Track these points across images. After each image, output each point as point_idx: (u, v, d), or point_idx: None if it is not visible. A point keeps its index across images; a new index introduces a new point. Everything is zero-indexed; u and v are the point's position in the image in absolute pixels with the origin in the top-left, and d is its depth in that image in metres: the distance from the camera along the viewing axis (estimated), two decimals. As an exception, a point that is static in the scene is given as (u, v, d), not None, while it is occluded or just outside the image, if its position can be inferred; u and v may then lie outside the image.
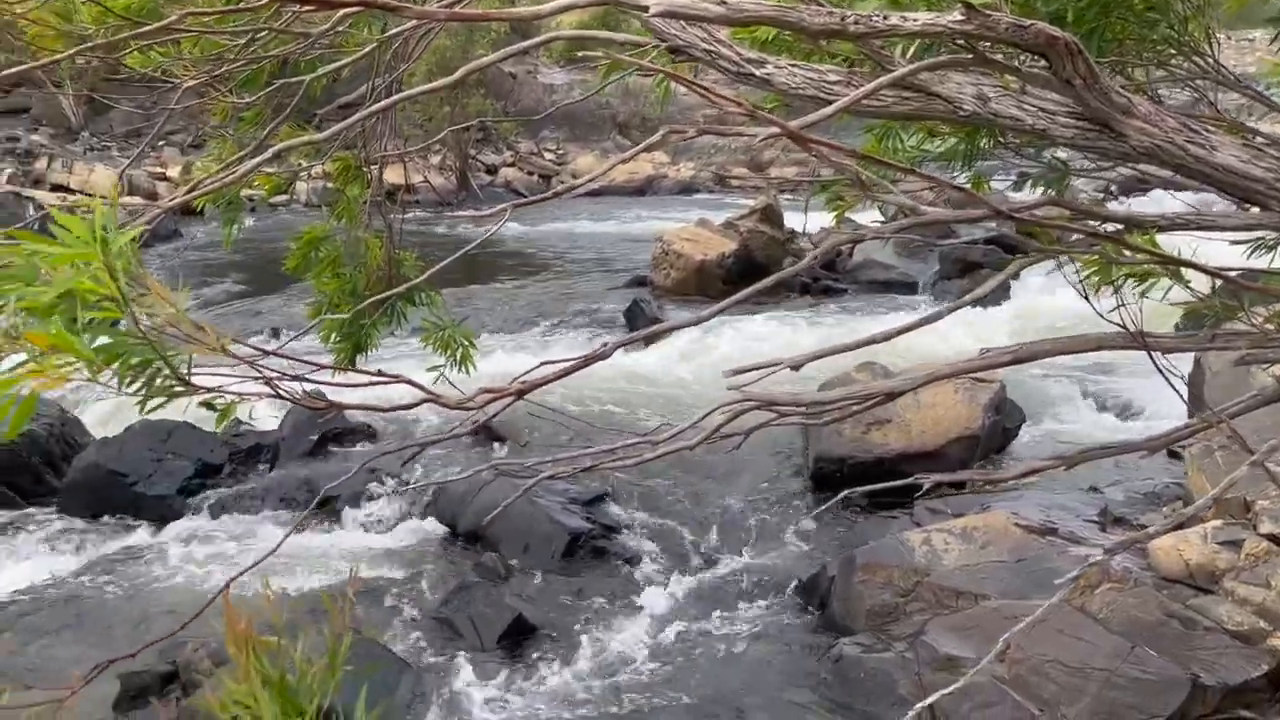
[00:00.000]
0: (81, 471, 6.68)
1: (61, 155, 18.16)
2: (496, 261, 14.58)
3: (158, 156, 20.63)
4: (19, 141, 17.76)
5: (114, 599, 5.57)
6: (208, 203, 2.75)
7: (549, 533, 5.47)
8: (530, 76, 28.82)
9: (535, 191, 25.53)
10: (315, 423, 7.04)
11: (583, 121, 28.86)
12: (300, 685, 1.18)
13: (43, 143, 18.76)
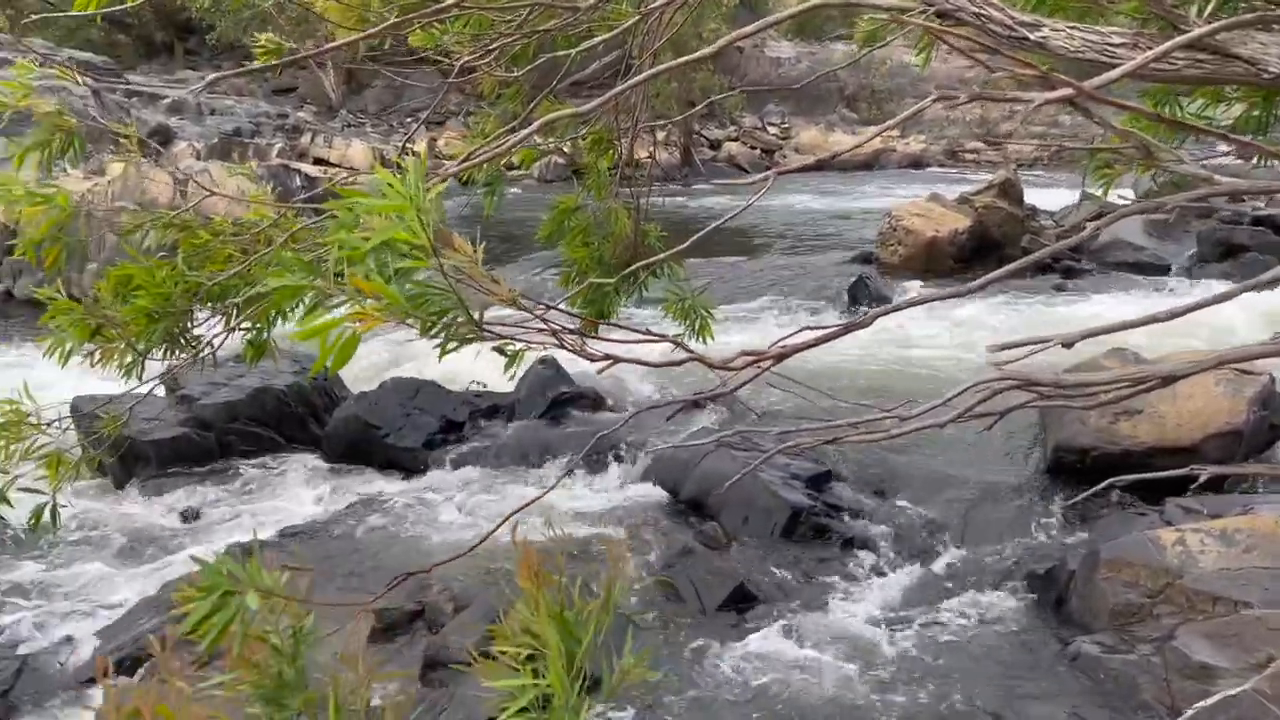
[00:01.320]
0: (340, 422, 7.28)
1: (323, 131, 19.71)
2: (718, 236, 14.65)
3: (406, 133, 22.00)
4: (287, 118, 19.40)
5: (364, 540, 6.03)
6: (476, 174, 2.92)
7: (770, 506, 5.48)
8: (757, 50, 28.61)
9: (758, 166, 25.41)
10: (549, 386, 7.36)
11: (808, 95, 28.39)
12: (578, 620, 1.25)
13: (307, 119, 20.42)
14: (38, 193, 2.16)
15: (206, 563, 1.17)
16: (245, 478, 7.23)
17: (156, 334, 2.24)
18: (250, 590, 1.16)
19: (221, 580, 1.15)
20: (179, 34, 24.86)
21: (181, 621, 1.19)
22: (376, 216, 1.31)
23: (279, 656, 1.23)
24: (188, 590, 1.17)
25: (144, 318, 2.24)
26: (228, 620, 1.14)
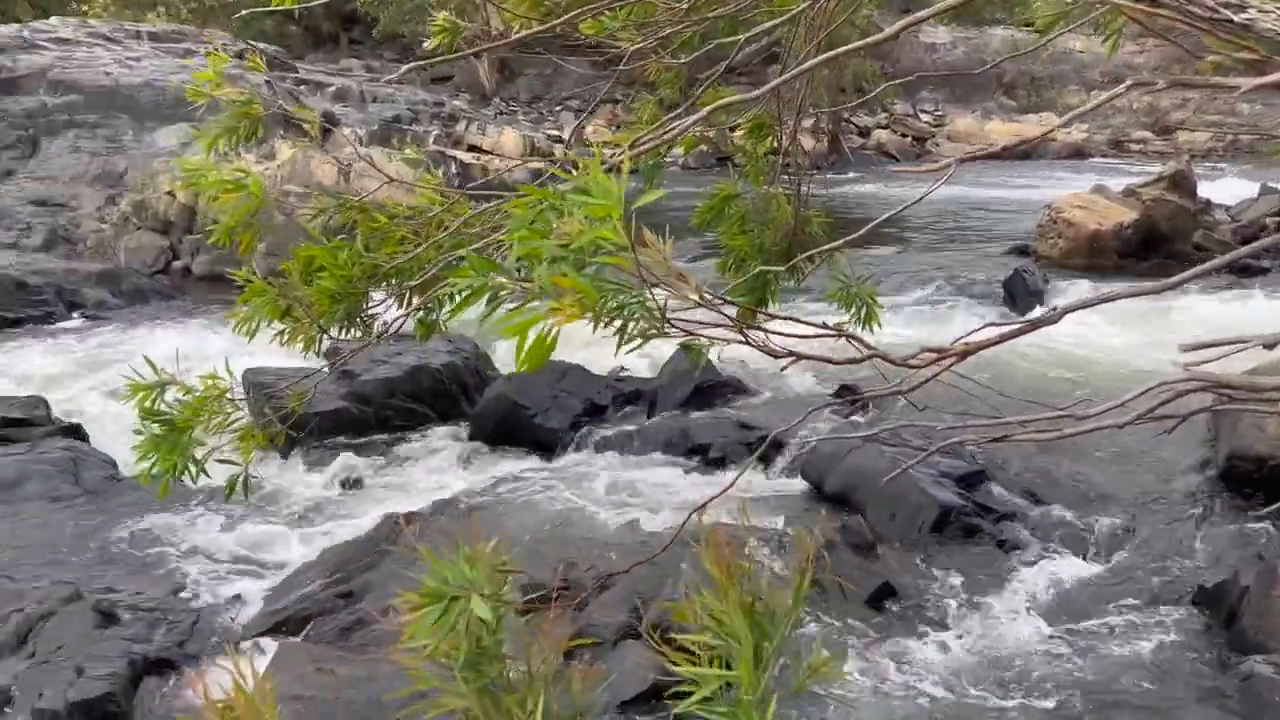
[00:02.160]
0: (490, 401, 7.49)
1: (476, 119, 20.24)
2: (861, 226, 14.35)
3: (555, 120, 22.37)
4: (444, 106, 20.00)
5: (511, 516, 6.18)
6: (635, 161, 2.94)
7: (919, 504, 5.36)
8: (911, 35, 27.83)
9: (908, 155, 24.77)
10: (691, 375, 7.38)
11: (963, 82, 27.47)
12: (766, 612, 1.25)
13: (462, 107, 21.01)
14: (230, 179, 2.29)
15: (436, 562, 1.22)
16: (400, 450, 7.53)
17: (339, 313, 2.35)
18: (475, 596, 1.20)
19: (447, 588, 1.21)
20: (344, 25, 25.97)
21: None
22: (577, 216, 1.33)
23: (480, 626, 1.27)
24: (412, 597, 1.22)
25: (327, 298, 2.35)
26: (452, 625, 1.20)
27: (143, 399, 2.14)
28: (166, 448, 2.13)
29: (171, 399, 2.16)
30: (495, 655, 1.40)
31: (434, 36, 2.74)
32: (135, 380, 2.15)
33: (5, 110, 14.97)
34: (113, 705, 4.30)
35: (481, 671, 1.39)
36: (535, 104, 23.78)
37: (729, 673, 1.24)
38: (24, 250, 13.29)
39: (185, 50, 17.71)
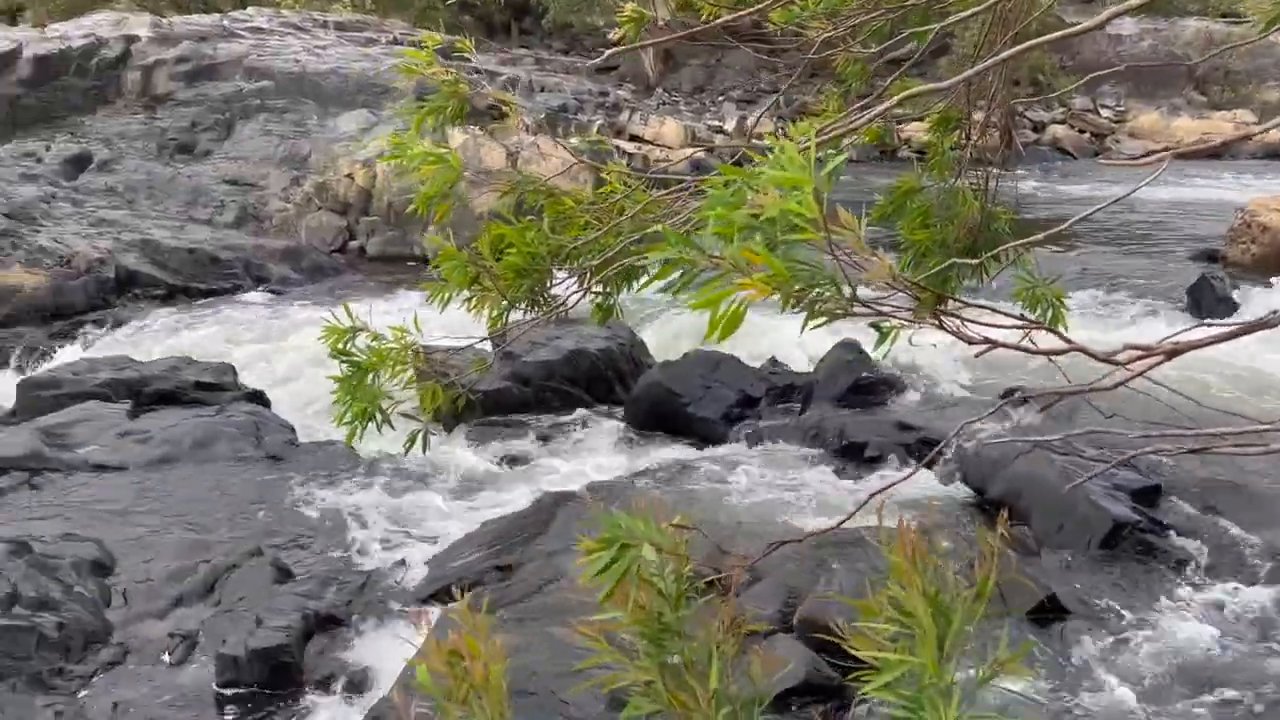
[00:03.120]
0: (645, 388, 7.59)
1: (639, 109, 20.43)
2: (1040, 224, 13.77)
3: (717, 111, 22.37)
4: (608, 96, 20.28)
5: (664, 502, 6.25)
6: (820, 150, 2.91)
7: (1088, 516, 5.13)
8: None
9: (1085, 152, 23.60)
10: (849, 370, 7.27)
11: (1149, 76, 25.96)
12: (951, 605, 1.24)
13: (625, 97, 21.24)
14: (433, 153, 2.40)
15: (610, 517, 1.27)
16: (556, 432, 7.72)
17: (523, 289, 2.43)
18: (645, 544, 1.24)
19: (620, 534, 1.24)
20: (515, 16, 26.68)
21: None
22: (767, 191, 1.34)
23: (662, 601, 1.30)
24: (591, 543, 1.27)
25: (513, 273, 2.43)
26: (624, 570, 1.23)
27: (335, 340, 2.27)
28: (357, 392, 2.25)
29: (362, 344, 2.29)
30: (677, 631, 1.43)
31: (620, 26, 2.78)
32: (334, 324, 2.28)
33: (205, 95, 16.05)
34: (287, 656, 4.58)
35: (663, 646, 1.42)
36: (697, 95, 23.83)
37: (913, 659, 1.23)
38: (217, 226, 14.23)
39: (367, 39, 18.57)
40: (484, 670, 1.16)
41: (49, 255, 11.64)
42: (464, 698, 1.16)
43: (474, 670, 1.16)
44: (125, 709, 4.33)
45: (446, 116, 2.52)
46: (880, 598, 1.27)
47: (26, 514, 6.00)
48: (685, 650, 1.38)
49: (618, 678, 1.38)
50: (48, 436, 6.89)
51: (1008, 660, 1.21)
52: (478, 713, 1.15)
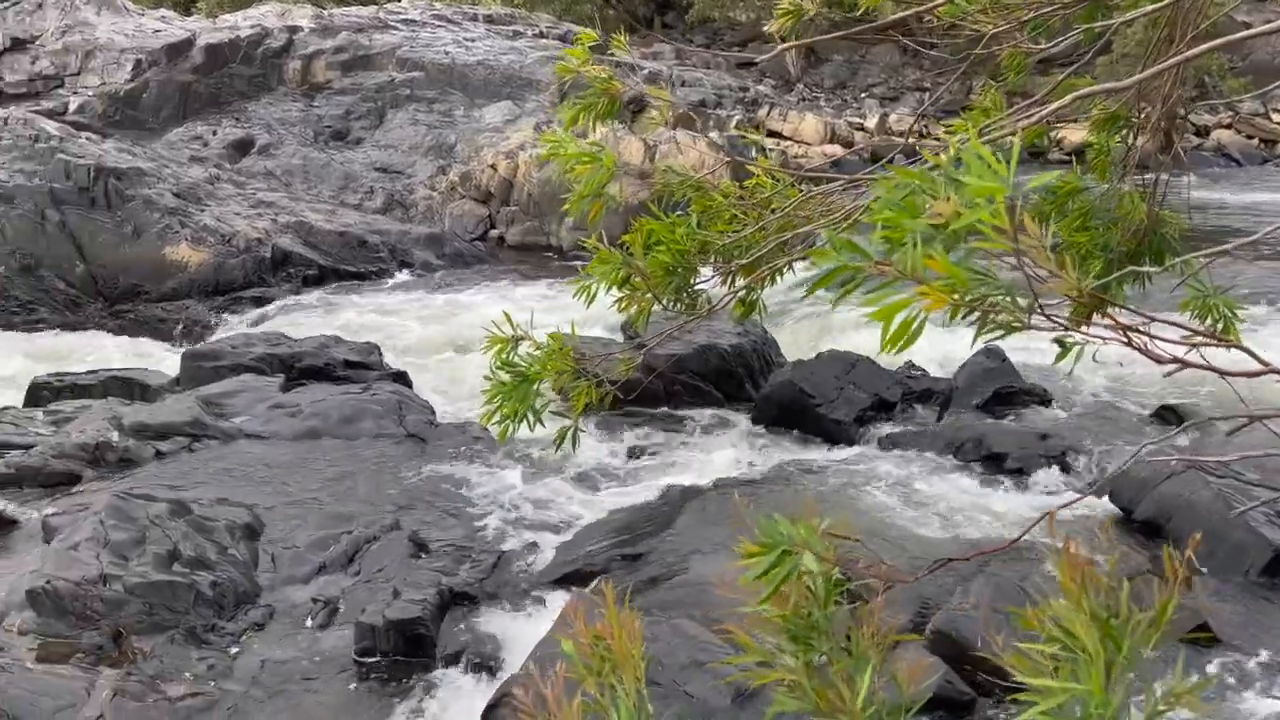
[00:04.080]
0: (776, 386, 7.53)
1: (779, 104, 20.25)
2: (1206, 232, 13.04)
3: (858, 108, 21.97)
4: (747, 91, 20.17)
5: (792, 502, 6.19)
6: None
7: (1245, 543, 4.84)
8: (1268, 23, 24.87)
9: (1253, 158, 22.23)
10: (990, 378, 7.06)
11: (1331, 77, 24.21)
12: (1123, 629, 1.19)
13: (765, 92, 21.09)
14: (587, 153, 2.43)
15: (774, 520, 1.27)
16: (684, 426, 7.74)
17: (672, 286, 2.45)
18: (806, 553, 1.24)
19: (782, 540, 1.25)
20: (659, 9, 26.81)
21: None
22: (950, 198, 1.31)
23: (813, 600, 1.30)
24: (751, 546, 1.27)
25: (662, 271, 2.45)
26: (784, 577, 1.23)
27: (499, 351, 2.33)
28: (514, 396, 2.31)
29: (524, 352, 2.34)
30: (825, 631, 1.42)
31: (777, 19, 2.76)
32: (495, 334, 2.35)
33: (360, 84, 16.70)
34: (422, 629, 4.74)
35: (810, 646, 1.42)
36: (839, 91, 23.46)
37: (1078, 686, 1.19)
38: (366, 211, 14.81)
39: (514, 32, 18.97)
40: (624, 650, 1.18)
41: (212, 234, 12.33)
42: (604, 675, 1.19)
43: (616, 650, 1.19)
44: (271, 667, 4.56)
45: (599, 113, 2.55)
46: (1040, 614, 1.23)
47: (186, 477, 6.39)
48: (833, 651, 1.38)
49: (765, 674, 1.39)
50: (207, 405, 7.30)
51: (1185, 691, 1.16)
52: (617, 689, 1.18)
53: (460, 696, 4.41)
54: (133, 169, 12.61)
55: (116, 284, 11.60)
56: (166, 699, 4.22)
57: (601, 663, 1.18)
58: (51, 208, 11.70)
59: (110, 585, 4.78)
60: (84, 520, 5.20)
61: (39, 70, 16.02)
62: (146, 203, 12.20)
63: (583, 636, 1.19)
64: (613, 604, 1.19)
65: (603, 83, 2.48)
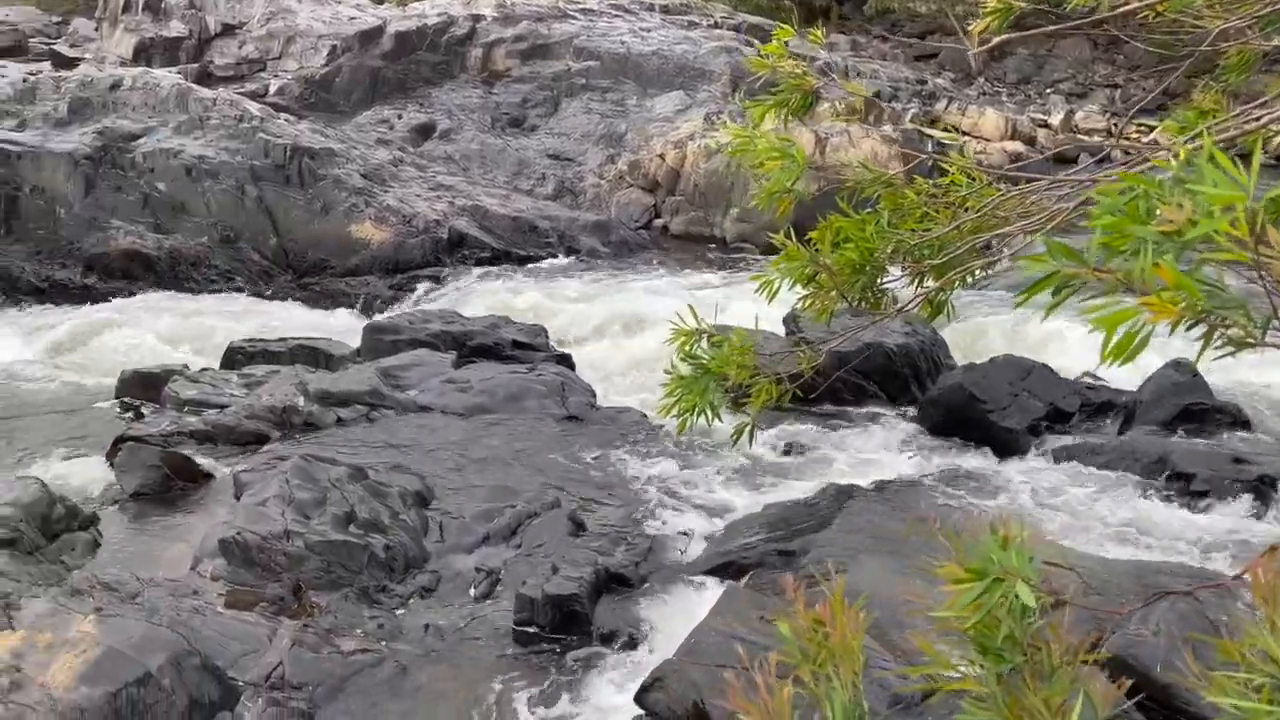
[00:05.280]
0: (944, 390, 7.31)
1: (957, 98, 19.59)
2: None
3: (1042, 104, 21.02)
4: (925, 84, 19.60)
5: (951, 509, 6.00)
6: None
7: None
8: None
9: None
10: (1178, 392, 6.65)
11: None
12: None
13: (944, 86, 20.44)
14: (778, 148, 2.42)
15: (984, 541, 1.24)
16: (844, 424, 7.62)
17: (859, 285, 2.41)
18: (1020, 583, 1.20)
19: (992, 567, 1.21)
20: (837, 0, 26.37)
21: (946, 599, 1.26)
22: (1183, 205, 1.24)
23: (1008, 615, 1.26)
24: (958, 570, 1.24)
25: (850, 269, 2.41)
26: (991, 605, 1.20)
27: (683, 343, 2.36)
28: (694, 389, 2.33)
29: (706, 346, 2.36)
30: (1020, 644, 1.38)
31: (984, 18, 2.67)
32: (680, 326, 2.37)
33: (537, 73, 17.11)
34: (578, 605, 4.85)
35: (1003, 658, 1.38)
36: (1022, 86, 22.50)
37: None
38: (537, 197, 15.17)
39: (689, 22, 19.02)
40: (844, 640, 1.18)
41: (394, 214, 12.90)
42: (820, 662, 1.18)
43: (834, 638, 1.18)
44: (435, 631, 4.76)
45: (791, 109, 2.53)
46: (1241, 646, 1.16)
47: (364, 444, 6.73)
48: (1027, 665, 1.33)
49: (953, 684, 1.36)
50: (385, 377, 7.66)
51: None
52: (834, 678, 1.17)
53: (613, 675, 4.49)
54: (325, 149, 13.32)
55: (305, 258, 12.30)
56: (339, 652, 4.47)
57: (818, 650, 1.18)
58: (251, 184, 12.50)
59: (293, 541, 5.09)
60: (271, 479, 5.56)
61: (245, 54, 17.12)
62: (336, 182, 12.88)
63: (802, 619, 1.19)
64: (840, 592, 1.19)
65: (796, 78, 2.45)
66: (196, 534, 5.35)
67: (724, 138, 15.24)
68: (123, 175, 12.26)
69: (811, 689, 1.18)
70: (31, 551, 4.97)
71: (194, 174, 12.36)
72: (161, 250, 11.81)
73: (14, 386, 8.36)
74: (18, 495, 5.16)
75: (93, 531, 5.35)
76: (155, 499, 5.88)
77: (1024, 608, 1.34)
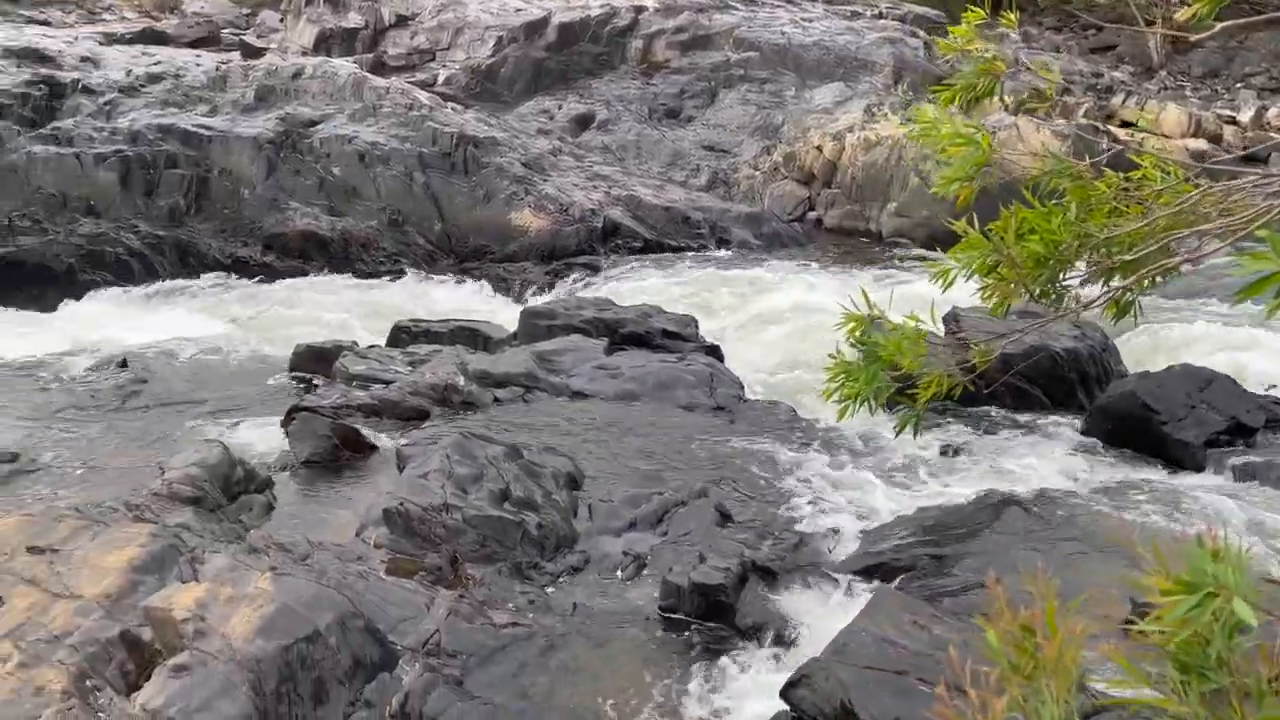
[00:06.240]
0: (1115, 398, 6.95)
1: (1136, 93, 18.56)
2: None
3: (1231, 99, 19.68)
4: (1101, 77, 18.65)
5: (1142, 524, 5.63)
6: None
7: None
8: None
9: None
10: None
11: None
12: None
13: (1122, 79, 19.40)
14: (963, 134, 2.34)
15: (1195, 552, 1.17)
16: (1004, 428, 7.35)
17: (1042, 279, 2.32)
18: (1237, 599, 1.13)
19: (1206, 579, 1.14)
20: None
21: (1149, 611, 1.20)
22: None
23: (1217, 635, 1.19)
24: (1161, 579, 1.18)
25: (1033, 261, 2.32)
26: (1203, 620, 1.13)
27: (853, 328, 2.32)
28: (859, 376, 2.29)
29: (878, 333, 2.32)
30: (1226, 664, 1.30)
31: (1193, 4, 2.51)
32: (850, 311, 2.33)
33: (696, 64, 17.12)
34: (724, 596, 4.84)
35: (1207, 678, 1.30)
36: (1208, 80, 21.11)
37: None
38: (690, 189, 15.21)
39: (852, 13, 18.66)
40: (1058, 653, 1.13)
41: (552, 202, 13.16)
42: (1029, 674, 1.14)
43: (1047, 650, 1.14)
44: (583, 610, 4.85)
45: (977, 93, 2.44)
46: None
47: (519, 424, 6.90)
48: (1234, 688, 1.26)
49: (1147, 701, 1.29)
50: (540, 360, 7.84)
51: None
52: (1044, 692, 1.13)
53: (757, 669, 4.47)
54: (489, 138, 13.71)
55: (467, 243, 12.70)
56: (492, 624, 4.60)
57: (1029, 662, 1.14)
58: (419, 170, 12.98)
59: (451, 514, 5.27)
60: (432, 453, 5.76)
61: (416, 45, 17.77)
62: (498, 170, 13.23)
63: (1009, 626, 1.15)
64: (1052, 601, 1.15)
65: (985, 63, 2.37)
66: (362, 502, 5.60)
67: (885, 130, 14.91)
68: (301, 159, 12.94)
69: (1019, 703, 1.13)
70: (214, 510, 5.31)
71: (366, 160, 12.93)
72: (334, 232, 12.41)
73: (200, 356, 8.95)
74: (204, 457, 5.52)
75: (268, 494, 5.68)
76: (324, 467, 6.19)
77: (1233, 626, 1.26)
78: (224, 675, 3.74)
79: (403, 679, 4.18)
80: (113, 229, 11.85)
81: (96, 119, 12.86)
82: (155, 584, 4.37)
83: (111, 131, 12.62)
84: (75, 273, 11.38)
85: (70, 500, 5.32)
